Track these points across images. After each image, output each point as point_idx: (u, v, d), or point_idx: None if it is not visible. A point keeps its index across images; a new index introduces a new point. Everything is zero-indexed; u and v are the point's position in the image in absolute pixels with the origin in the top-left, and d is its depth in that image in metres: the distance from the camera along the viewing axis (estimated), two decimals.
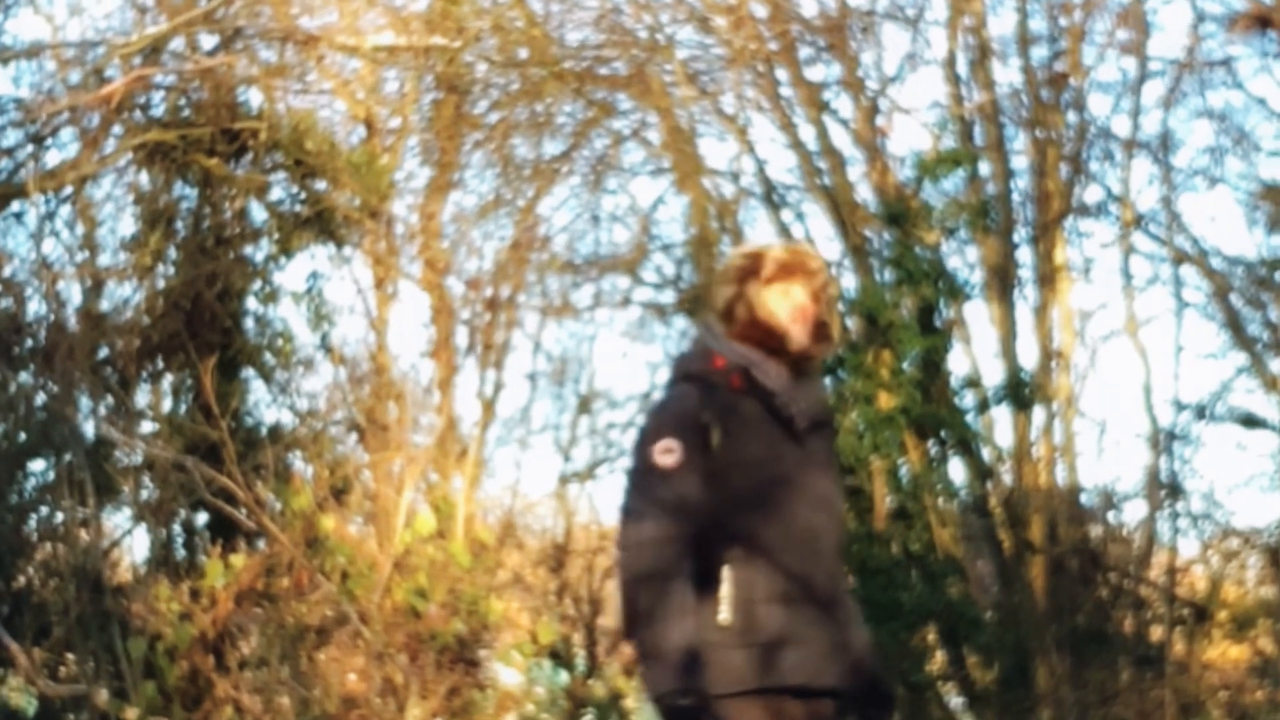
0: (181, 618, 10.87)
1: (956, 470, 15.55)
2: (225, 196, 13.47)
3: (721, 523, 5.17)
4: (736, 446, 5.22)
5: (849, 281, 16.01)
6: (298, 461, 13.26)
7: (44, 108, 12.67)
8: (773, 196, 16.71)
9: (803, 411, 5.33)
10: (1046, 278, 15.66)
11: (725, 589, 5.12)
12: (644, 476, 5.26)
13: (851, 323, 15.64)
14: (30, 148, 12.88)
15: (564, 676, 14.44)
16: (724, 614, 5.10)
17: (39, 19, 13.30)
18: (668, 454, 5.20)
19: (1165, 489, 15.54)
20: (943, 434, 15.26)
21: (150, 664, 10.94)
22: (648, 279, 18.59)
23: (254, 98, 13.69)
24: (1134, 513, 16.14)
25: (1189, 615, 15.29)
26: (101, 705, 10.80)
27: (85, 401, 12.73)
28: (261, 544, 11.67)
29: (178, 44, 13.47)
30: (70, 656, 11.95)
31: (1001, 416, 15.57)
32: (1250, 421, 15.26)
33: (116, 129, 13.10)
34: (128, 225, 13.26)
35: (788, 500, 5.23)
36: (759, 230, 16.91)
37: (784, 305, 5.39)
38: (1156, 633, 15.39)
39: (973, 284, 15.69)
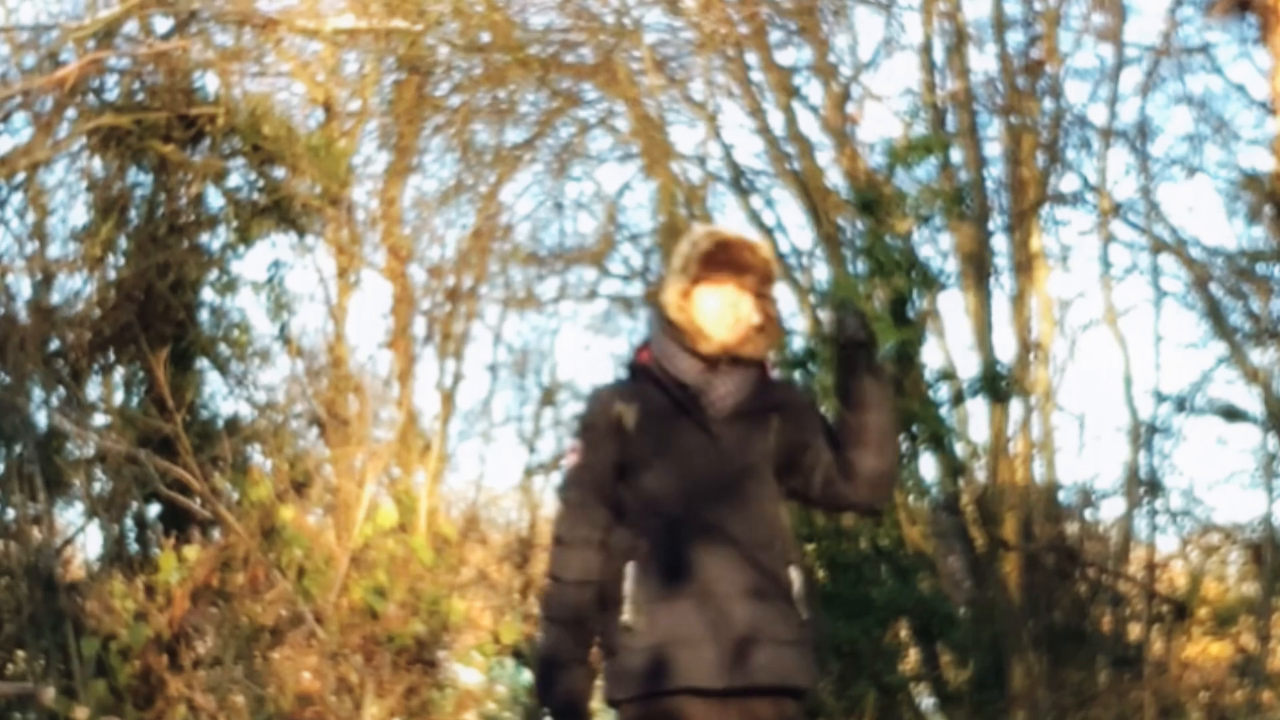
0: (137, 617, 10.65)
1: (928, 466, 15.33)
2: (181, 183, 13.19)
3: (633, 519, 5.20)
4: (644, 439, 5.21)
5: (821, 273, 15.81)
6: (256, 455, 13.01)
7: None
8: (741, 182, 16.47)
9: (720, 400, 5.23)
10: (1023, 265, 15.47)
11: (627, 587, 5.10)
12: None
13: (823, 314, 15.42)
14: None
15: (526, 675, 14.19)
16: (625, 615, 5.07)
17: None
18: (570, 455, 5.34)
19: (1144, 486, 15.33)
20: (915, 429, 14.97)
21: (102, 662, 10.69)
22: (615, 270, 18.40)
23: (210, 82, 13.42)
24: (1112, 510, 15.92)
25: (1168, 612, 15.06)
26: (48, 704, 10.55)
27: (37, 393, 12.45)
28: (216, 534, 11.43)
29: (131, 27, 13.18)
30: (20, 654, 11.69)
31: (977, 411, 15.36)
32: (1232, 414, 15.05)
33: (70, 113, 12.81)
34: (79, 214, 12.99)
35: (678, 495, 5.16)
36: (728, 217, 16.70)
37: (707, 306, 5.29)
38: (1135, 630, 15.18)
39: (947, 273, 15.46)
